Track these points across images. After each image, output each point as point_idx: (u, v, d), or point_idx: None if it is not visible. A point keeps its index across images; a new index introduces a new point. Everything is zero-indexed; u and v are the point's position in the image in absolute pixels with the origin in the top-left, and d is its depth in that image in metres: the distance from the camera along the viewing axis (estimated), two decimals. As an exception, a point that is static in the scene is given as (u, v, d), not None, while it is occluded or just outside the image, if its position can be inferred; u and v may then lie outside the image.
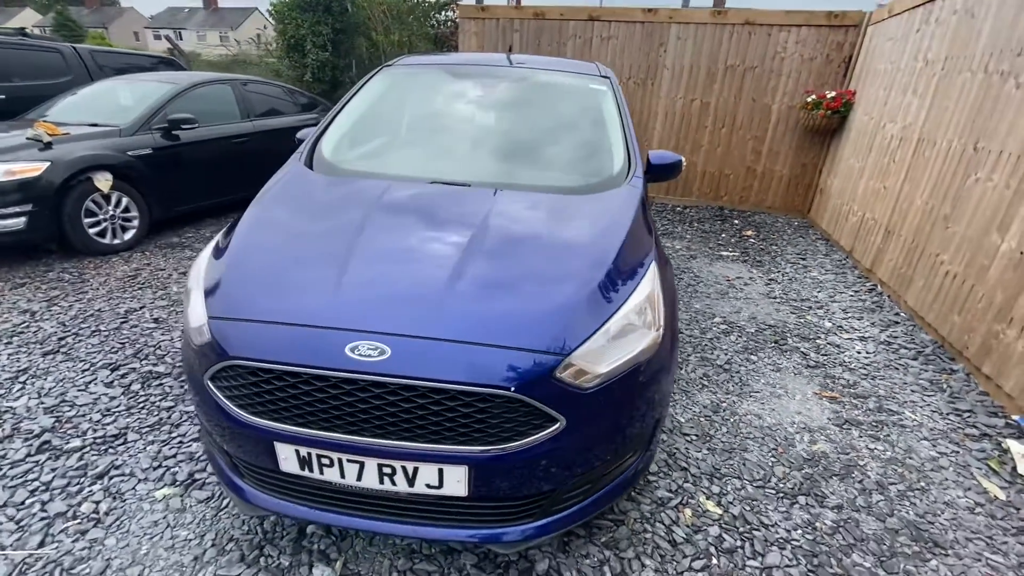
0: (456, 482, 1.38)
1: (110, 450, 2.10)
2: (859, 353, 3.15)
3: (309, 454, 1.40)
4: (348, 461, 1.39)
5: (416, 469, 1.37)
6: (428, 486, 1.40)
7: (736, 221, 6.09)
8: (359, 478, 1.41)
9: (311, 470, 1.43)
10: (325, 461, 1.40)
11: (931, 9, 4.08)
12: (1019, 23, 2.98)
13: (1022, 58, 2.91)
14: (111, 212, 4.14)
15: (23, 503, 1.83)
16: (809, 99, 5.66)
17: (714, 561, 1.73)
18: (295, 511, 1.52)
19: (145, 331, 3.01)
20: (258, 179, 2.23)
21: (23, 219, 3.63)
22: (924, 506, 2.02)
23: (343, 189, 2.05)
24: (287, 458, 1.43)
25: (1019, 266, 2.68)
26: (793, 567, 1.73)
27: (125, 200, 4.22)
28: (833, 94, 5.50)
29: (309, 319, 1.40)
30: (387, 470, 1.38)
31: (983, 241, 2.99)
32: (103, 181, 4.01)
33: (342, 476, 1.42)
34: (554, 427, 1.35)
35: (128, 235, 4.30)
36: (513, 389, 1.29)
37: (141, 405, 2.37)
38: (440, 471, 1.37)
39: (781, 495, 2.04)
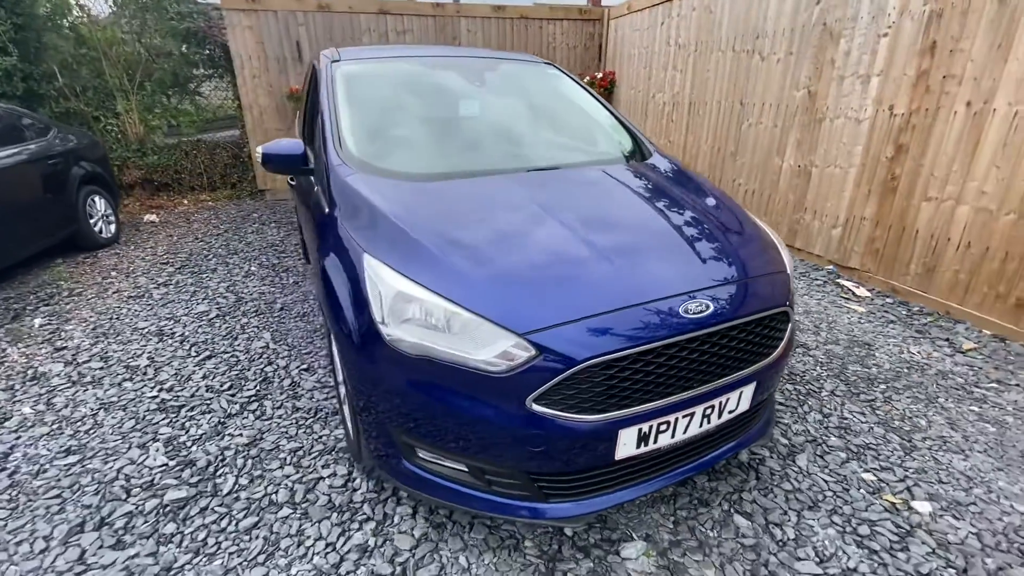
0: (747, 399, 1.64)
1: (244, 601, 1.52)
2: (726, 257, 4.34)
3: (650, 427, 1.45)
4: (683, 417, 1.49)
5: (727, 400, 1.57)
6: (729, 412, 1.62)
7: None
8: (686, 430, 1.53)
9: (646, 444, 1.48)
10: (663, 427, 1.47)
11: (669, 8, 5.56)
12: (750, 16, 4.46)
13: (760, 40, 4.38)
14: None
15: None
16: (584, 80, 6.92)
17: (819, 394, 2.41)
18: (621, 497, 1.53)
19: (65, 468, 2.02)
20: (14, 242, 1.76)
21: None
22: (844, 329, 3.13)
23: (469, 190, 1.91)
24: (626, 443, 1.44)
25: (800, 174, 4.15)
26: (840, 393, 2.53)
27: None
28: (601, 74, 6.87)
29: (636, 298, 1.42)
30: (708, 411, 1.54)
31: (768, 164, 4.47)
32: None
33: (672, 436, 1.51)
34: (788, 328, 1.73)
35: None
36: (788, 304, 1.63)
37: (193, 551, 1.71)
38: (740, 394, 1.61)
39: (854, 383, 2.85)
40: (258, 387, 2.57)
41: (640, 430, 1.44)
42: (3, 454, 2.11)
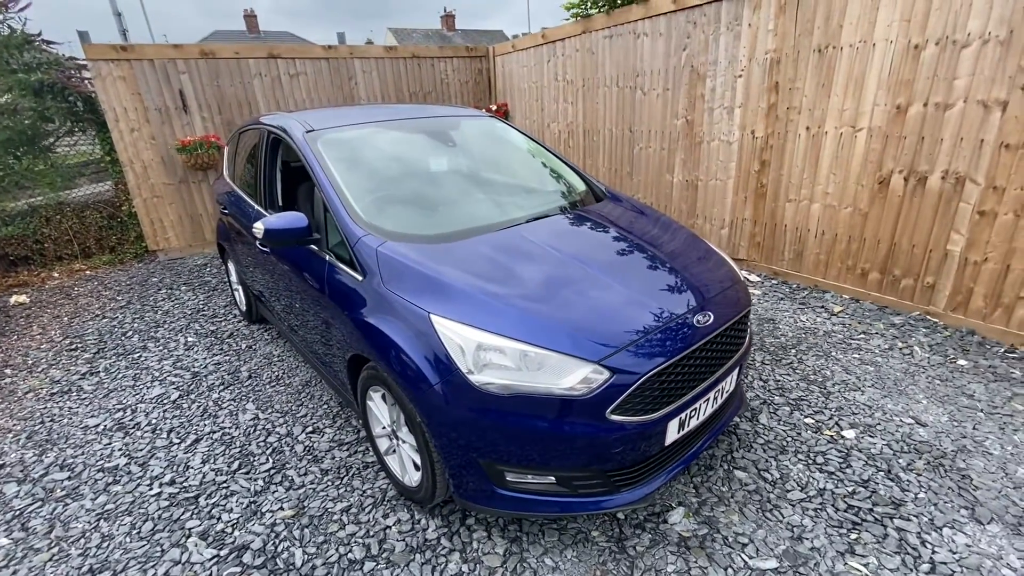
0: (734, 381, 2.14)
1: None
2: (642, 263, 5.05)
3: (685, 415, 1.87)
4: (703, 402, 1.93)
5: (725, 384, 2.05)
6: (726, 393, 2.10)
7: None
8: (705, 412, 1.98)
9: (683, 428, 1.89)
10: (692, 413, 1.90)
11: (553, 48, 6.24)
12: (628, 59, 5.25)
13: (640, 78, 5.18)
14: None
15: None
16: (493, 107, 7.38)
17: (755, 366, 3.04)
18: (669, 474, 1.93)
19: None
20: None
21: None
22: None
23: (495, 244, 2.16)
24: (672, 430, 1.84)
25: (688, 187, 5.00)
26: (768, 361, 3.22)
27: None
28: (495, 106, 7.39)
29: (664, 318, 1.82)
30: (716, 394, 2.01)
31: (660, 180, 5.28)
32: None
33: (698, 419, 1.95)
34: (749, 319, 2.28)
35: None
36: (750, 304, 2.17)
37: (307, 611, 1.76)
38: (731, 378, 2.10)
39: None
40: (271, 459, 2.54)
41: (680, 419, 1.85)
42: None
